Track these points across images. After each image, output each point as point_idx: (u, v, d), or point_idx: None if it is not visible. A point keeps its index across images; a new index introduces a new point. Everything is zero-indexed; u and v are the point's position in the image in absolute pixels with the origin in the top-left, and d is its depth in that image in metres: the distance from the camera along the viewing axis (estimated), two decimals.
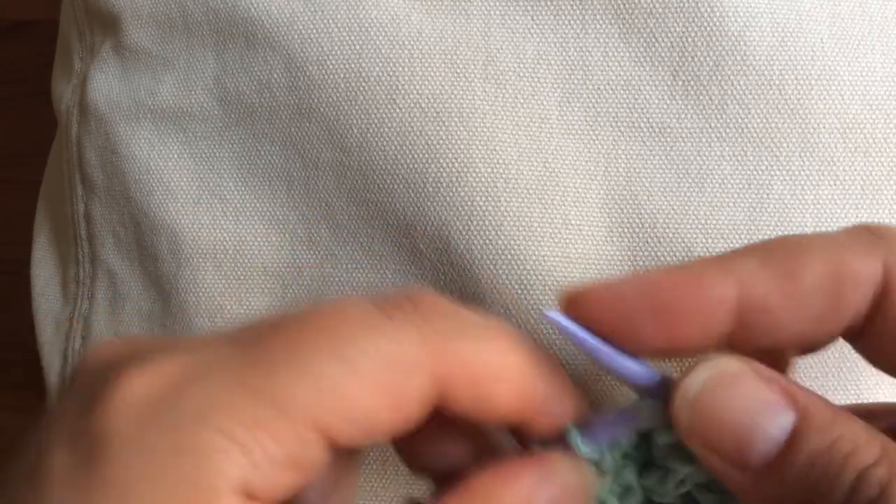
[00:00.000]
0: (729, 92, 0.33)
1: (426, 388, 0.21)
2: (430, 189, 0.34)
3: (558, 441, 0.23)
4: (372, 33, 0.35)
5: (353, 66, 0.35)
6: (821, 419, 0.20)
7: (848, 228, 0.23)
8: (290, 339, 0.20)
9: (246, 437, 0.19)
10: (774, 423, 0.20)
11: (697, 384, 0.21)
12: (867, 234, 0.22)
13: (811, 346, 0.23)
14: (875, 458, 0.19)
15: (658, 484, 0.23)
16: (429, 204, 0.34)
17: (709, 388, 0.21)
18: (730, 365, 0.21)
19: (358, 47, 0.35)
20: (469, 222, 0.33)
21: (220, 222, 0.37)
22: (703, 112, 0.33)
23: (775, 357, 0.23)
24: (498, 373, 0.21)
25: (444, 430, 0.24)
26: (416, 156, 0.34)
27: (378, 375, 0.20)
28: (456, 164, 0.33)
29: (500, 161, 0.33)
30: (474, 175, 0.33)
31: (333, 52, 0.35)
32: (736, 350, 0.22)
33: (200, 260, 0.37)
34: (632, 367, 0.22)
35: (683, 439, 0.22)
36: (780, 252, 0.22)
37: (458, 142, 0.34)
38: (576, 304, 0.23)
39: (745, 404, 0.20)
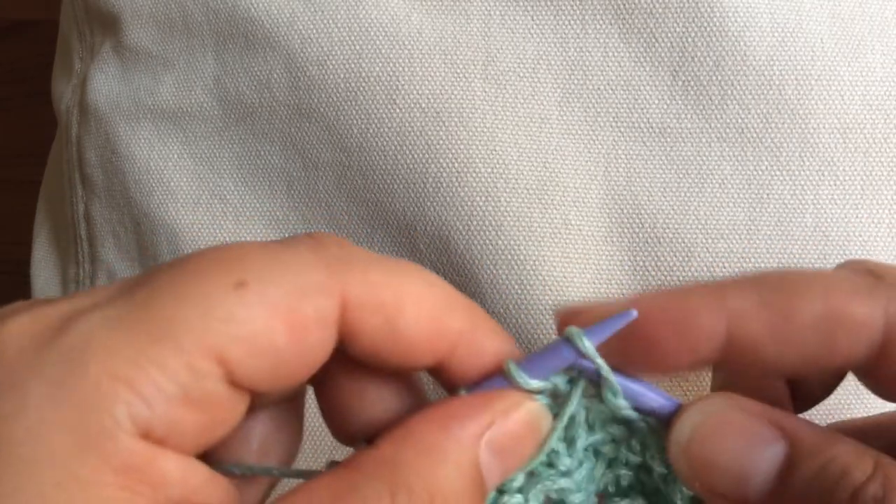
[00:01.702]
0: (729, 92, 0.33)
1: (330, 314, 0.19)
2: (430, 189, 0.34)
3: (488, 384, 0.22)
4: (372, 33, 0.35)
5: (353, 66, 0.35)
6: (810, 444, 0.20)
7: (849, 266, 0.22)
8: (178, 272, 0.19)
9: (131, 372, 0.17)
10: (766, 456, 0.20)
11: (686, 432, 0.21)
12: (869, 277, 0.21)
13: (804, 382, 0.23)
14: (867, 476, 0.19)
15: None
16: (429, 204, 0.34)
17: (699, 435, 0.21)
18: (715, 407, 0.21)
19: (358, 47, 0.35)
20: (469, 222, 0.33)
21: (220, 222, 0.37)
22: (703, 112, 0.33)
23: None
24: (405, 298, 0.20)
25: (371, 384, 0.22)
26: (416, 156, 0.34)
27: (276, 298, 0.19)
28: (456, 164, 0.33)
29: (500, 161, 0.33)
30: (474, 175, 0.33)
31: (333, 52, 0.35)
32: (721, 369, 0.22)
33: None
34: (649, 395, 0.22)
35: (685, 485, 0.22)
36: (777, 289, 0.21)
37: (458, 142, 0.34)
38: (572, 322, 0.22)
39: (735, 444, 0.21)
